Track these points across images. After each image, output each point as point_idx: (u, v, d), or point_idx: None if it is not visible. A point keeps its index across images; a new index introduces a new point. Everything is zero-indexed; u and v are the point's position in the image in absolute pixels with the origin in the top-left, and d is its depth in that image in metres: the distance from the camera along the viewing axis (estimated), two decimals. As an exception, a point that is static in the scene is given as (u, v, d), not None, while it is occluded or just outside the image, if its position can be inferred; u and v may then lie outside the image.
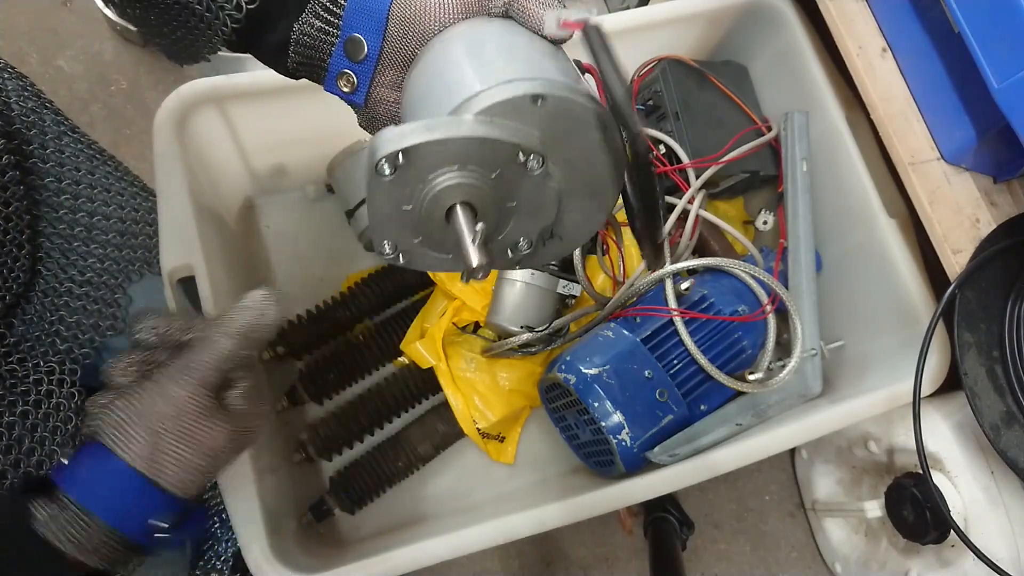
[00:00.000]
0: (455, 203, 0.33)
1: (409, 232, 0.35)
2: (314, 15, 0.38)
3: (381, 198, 0.33)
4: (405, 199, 0.33)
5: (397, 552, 0.62)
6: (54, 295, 0.61)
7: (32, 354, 0.59)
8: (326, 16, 0.38)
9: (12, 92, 0.60)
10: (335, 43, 0.38)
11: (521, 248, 0.38)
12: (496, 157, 0.33)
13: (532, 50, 0.37)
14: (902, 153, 0.71)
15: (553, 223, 0.38)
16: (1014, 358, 0.64)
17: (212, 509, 0.75)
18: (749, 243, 0.80)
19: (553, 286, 0.77)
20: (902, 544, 0.83)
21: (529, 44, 0.38)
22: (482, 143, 0.32)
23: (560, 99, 0.33)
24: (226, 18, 0.39)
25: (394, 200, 0.33)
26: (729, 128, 0.82)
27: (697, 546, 1.00)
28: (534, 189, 0.35)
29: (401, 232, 0.35)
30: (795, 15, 0.81)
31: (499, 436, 0.84)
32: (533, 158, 0.33)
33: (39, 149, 0.61)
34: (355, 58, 0.38)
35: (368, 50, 0.38)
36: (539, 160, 0.33)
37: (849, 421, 0.70)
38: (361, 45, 0.38)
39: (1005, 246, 0.68)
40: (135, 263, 0.67)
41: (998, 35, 0.60)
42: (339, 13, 0.38)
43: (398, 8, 0.38)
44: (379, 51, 0.38)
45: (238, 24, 0.39)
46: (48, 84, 1.10)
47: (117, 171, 0.68)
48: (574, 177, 0.36)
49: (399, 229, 0.35)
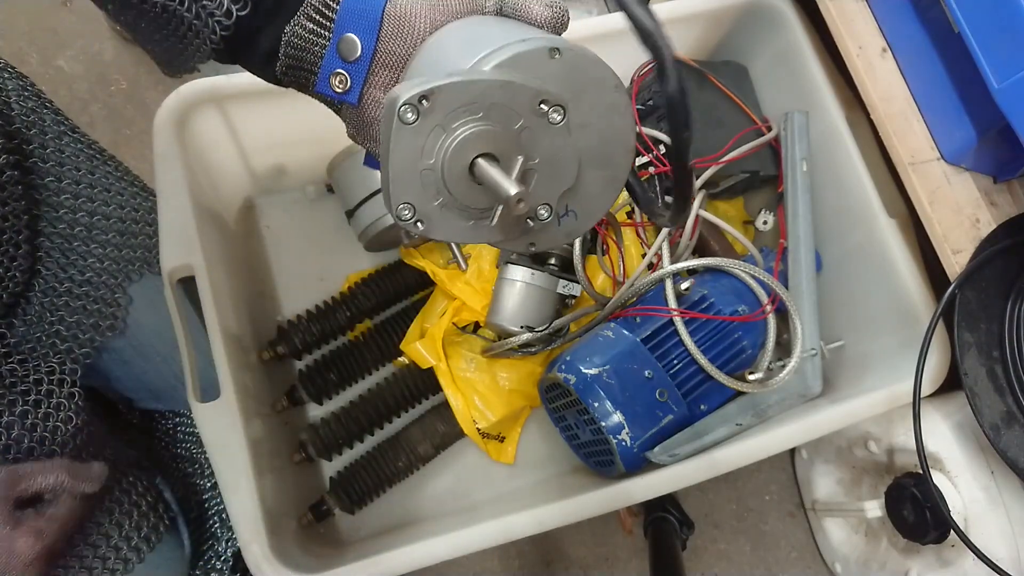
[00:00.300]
0: (479, 154, 0.33)
1: (431, 192, 0.34)
2: (307, 17, 0.38)
3: (402, 149, 0.32)
4: (427, 153, 0.33)
5: (397, 552, 0.62)
6: (54, 295, 0.61)
7: (33, 354, 0.59)
8: (319, 18, 0.38)
9: (12, 92, 0.60)
10: (328, 44, 0.38)
11: (541, 217, 0.37)
12: (518, 104, 0.32)
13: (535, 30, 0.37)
14: (902, 153, 0.71)
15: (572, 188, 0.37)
16: (1014, 358, 0.64)
17: (212, 509, 0.75)
18: (749, 243, 0.80)
19: (553, 286, 0.77)
20: (902, 544, 0.83)
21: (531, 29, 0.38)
22: (503, 87, 0.32)
23: (576, 54, 0.33)
24: (215, 25, 0.38)
25: (415, 152, 0.33)
26: (729, 128, 0.82)
27: (697, 546, 1.00)
28: (555, 145, 0.35)
29: (422, 192, 0.34)
30: (795, 15, 0.81)
31: (499, 436, 0.84)
32: (554, 108, 0.33)
33: (39, 149, 0.61)
34: (349, 58, 0.38)
35: (362, 50, 0.38)
36: (560, 111, 0.33)
37: (849, 421, 0.70)
38: (355, 45, 0.38)
39: (1005, 246, 0.68)
40: (135, 263, 0.67)
41: (998, 35, 0.60)
42: (332, 15, 0.38)
43: (392, 8, 0.37)
44: (373, 51, 0.38)
45: (227, 31, 0.38)
46: (48, 84, 1.10)
47: (117, 171, 0.68)
48: (589, 140, 0.36)
49: (419, 189, 0.34)
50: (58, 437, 0.55)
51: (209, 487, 0.76)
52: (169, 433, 0.79)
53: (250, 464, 0.63)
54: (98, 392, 0.68)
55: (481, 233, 0.37)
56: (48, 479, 0.50)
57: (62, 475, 0.51)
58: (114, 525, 0.59)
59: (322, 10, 0.38)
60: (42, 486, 0.50)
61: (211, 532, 0.74)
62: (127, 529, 0.60)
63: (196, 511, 0.74)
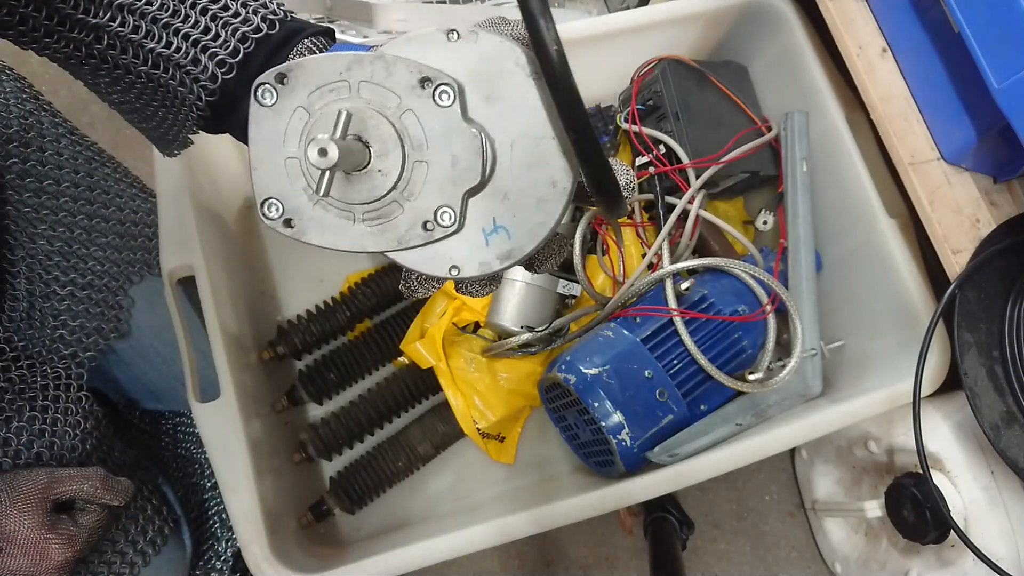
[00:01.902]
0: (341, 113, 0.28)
1: (298, 185, 0.30)
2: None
3: (262, 135, 0.29)
4: (290, 138, 0.29)
5: (397, 552, 0.62)
6: (56, 299, 0.61)
7: (39, 360, 0.59)
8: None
9: (11, 94, 0.60)
10: None
11: (443, 222, 0.31)
12: (394, 83, 0.29)
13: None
14: (902, 153, 0.71)
15: (492, 195, 0.32)
16: (1014, 358, 0.64)
17: (212, 509, 0.75)
18: (749, 243, 0.80)
19: (553, 286, 0.78)
20: (902, 544, 0.83)
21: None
22: (373, 62, 0.28)
23: (479, 36, 0.30)
24: (199, 91, 0.37)
25: (276, 137, 0.29)
26: (729, 128, 0.82)
27: (697, 546, 1.00)
28: (449, 135, 0.30)
29: (288, 186, 0.30)
30: (795, 15, 0.81)
31: (499, 436, 0.84)
32: (441, 88, 0.29)
33: (38, 152, 0.61)
34: None
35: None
36: (449, 92, 0.29)
37: (849, 421, 0.70)
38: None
39: (1005, 246, 0.68)
40: (135, 265, 0.67)
41: (998, 35, 0.60)
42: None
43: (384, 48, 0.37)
44: None
45: (213, 96, 0.37)
46: (48, 84, 1.10)
47: (117, 172, 0.68)
48: (506, 133, 0.31)
49: (285, 181, 0.30)
50: (66, 441, 0.55)
51: (209, 487, 0.76)
52: (169, 433, 0.79)
53: (250, 464, 0.63)
54: (100, 393, 0.68)
55: (366, 239, 0.31)
56: (83, 486, 0.50)
57: (96, 483, 0.51)
58: (119, 530, 0.59)
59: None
60: (76, 493, 0.50)
61: (211, 532, 0.74)
62: (133, 533, 0.60)
63: (196, 511, 0.74)
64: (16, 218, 0.60)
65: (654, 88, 0.82)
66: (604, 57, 0.83)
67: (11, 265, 0.58)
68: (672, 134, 0.79)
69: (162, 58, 0.36)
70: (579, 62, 0.32)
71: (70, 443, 0.55)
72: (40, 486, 0.48)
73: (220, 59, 0.36)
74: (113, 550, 0.58)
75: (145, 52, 0.36)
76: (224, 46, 0.36)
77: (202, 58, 0.36)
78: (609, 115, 0.86)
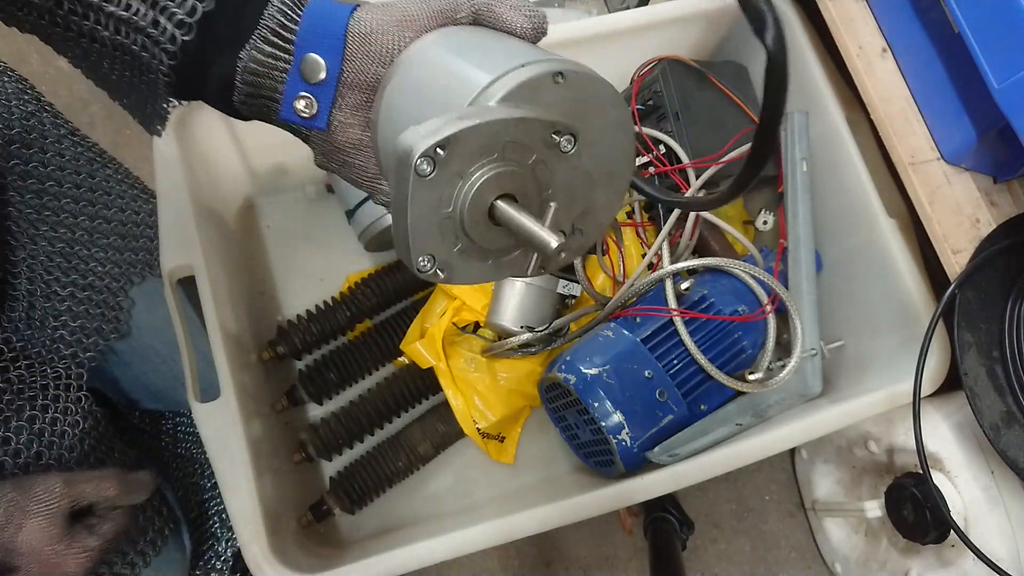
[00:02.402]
0: (498, 196, 0.32)
1: (449, 240, 0.33)
2: (264, 40, 0.35)
3: (420, 202, 0.30)
4: (445, 201, 0.31)
5: (397, 552, 0.62)
6: (57, 300, 0.61)
7: (39, 360, 0.59)
8: (278, 40, 0.35)
9: (13, 96, 0.60)
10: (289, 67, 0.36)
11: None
12: (532, 139, 0.31)
13: (519, 43, 0.36)
14: (902, 153, 0.71)
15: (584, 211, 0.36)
16: (1014, 358, 0.64)
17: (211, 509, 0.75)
18: (749, 243, 0.80)
19: (553, 286, 0.78)
20: (902, 544, 0.83)
21: (512, 40, 0.36)
22: (518, 124, 0.30)
23: (579, 75, 0.32)
24: (161, 54, 0.36)
25: (433, 203, 0.31)
26: (729, 128, 0.82)
27: (697, 546, 1.00)
28: (569, 173, 0.34)
29: (440, 242, 0.33)
30: (795, 15, 0.81)
31: (499, 436, 0.84)
32: (566, 137, 0.32)
33: (39, 153, 0.61)
34: (312, 79, 0.36)
35: (327, 71, 0.36)
36: (572, 139, 0.32)
37: (849, 421, 0.70)
38: (319, 66, 0.35)
39: (1005, 246, 0.68)
40: (136, 266, 0.67)
41: (998, 35, 0.60)
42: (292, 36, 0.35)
43: (356, 24, 0.35)
44: (339, 71, 0.36)
45: (174, 60, 0.36)
46: (48, 84, 1.10)
47: (118, 173, 0.68)
48: (595, 160, 0.35)
49: (438, 238, 0.32)
50: (66, 441, 0.55)
51: (209, 487, 0.76)
52: (169, 433, 0.79)
53: (250, 464, 0.63)
54: (100, 393, 0.68)
55: (502, 271, 0.36)
56: (101, 490, 0.49)
57: (114, 485, 0.50)
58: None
59: (280, 32, 0.35)
60: (95, 498, 0.49)
61: (211, 532, 0.74)
62: (132, 534, 0.60)
63: (196, 511, 0.74)
64: (17, 219, 0.60)
65: (654, 88, 0.82)
66: (604, 57, 0.83)
67: (12, 266, 0.58)
68: (672, 134, 0.79)
69: (123, 22, 0.35)
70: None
71: (69, 443, 0.55)
72: (56, 495, 0.47)
73: (179, 19, 0.35)
74: (113, 550, 0.58)
75: (106, 16, 0.35)
76: (181, 5, 0.35)
77: (160, 19, 0.35)
78: (609, 115, 0.86)
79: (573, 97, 0.33)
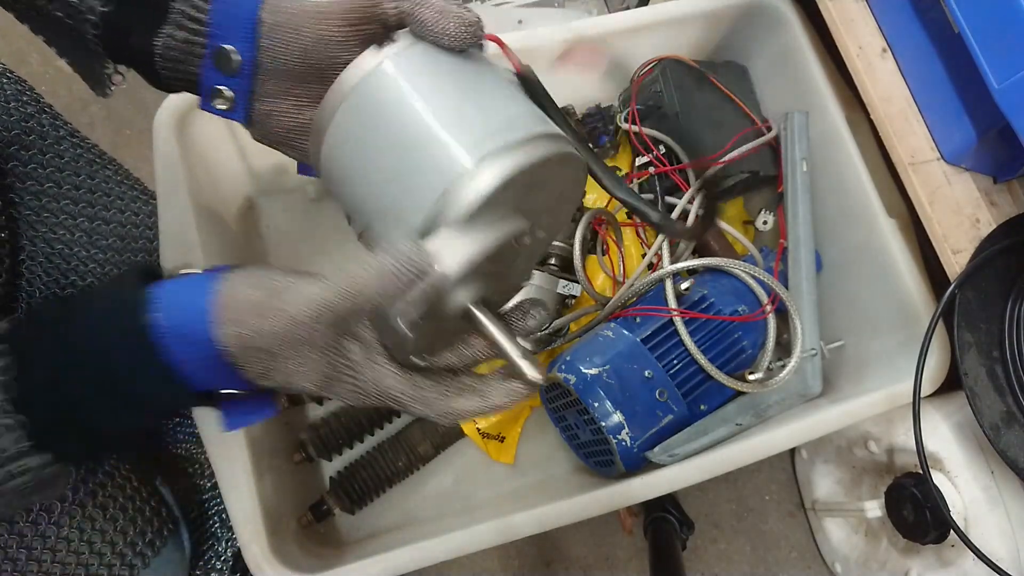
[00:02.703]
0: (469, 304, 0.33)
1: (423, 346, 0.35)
2: (176, 25, 0.34)
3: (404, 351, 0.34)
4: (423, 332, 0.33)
5: (397, 552, 0.62)
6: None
7: None
8: (190, 25, 0.34)
9: (12, 97, 0.60)
10: (203, 55, 0.35)
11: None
12: (501, 254, 0.32)
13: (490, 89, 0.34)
14: (902, 153, 0.71)
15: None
16: (1014, 358, 0.64)
17: (212, 509, 0.75)
18: (749, 243, 0.80)
19: (553, 286, 0.77)
20: (902, 544, 0.83)
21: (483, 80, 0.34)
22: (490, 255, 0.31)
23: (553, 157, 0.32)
24: (86, 25, 0.36)
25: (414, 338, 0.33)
26: (729, 128, 0.82)
27: (697, 546, 1.00)
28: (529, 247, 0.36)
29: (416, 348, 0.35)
30: (795, 15, 0.81)
31: (499, 436, 0.84)
32: (527, 235, 0.34)
33: (39, 154, 0.61)
34: (228, 71, 0.35)
35: (243, 62, 0.34)
36: (531, 234, 0.34)
37: (849, 421, 0.70)
38: (233, 56, 0.34)
39: (1005, 246, 0.68)
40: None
41: (998, 35, 0.60)
42: (204, 21, 0.34)
43: (268, 14, 0.34)
44: (253, 61, 0.35)
45: (97, 29, 0.36)
46: (48, 85, 1.10)
47: (117, 175, 0.68)
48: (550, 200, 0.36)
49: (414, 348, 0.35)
50: None
51: (209, 487, 0.76)
52: (169, 433, 0.79)
53: (250, 464, 0.63)
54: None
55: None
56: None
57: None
58: (119, 532, 0.59)
59: (190, 14, 0.34)
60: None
61: (211, 532, 0.74)
62: (132, 535, 0.60)
63: (196, 511, 0.74)
64: (17, 220, 0.60)
65: (654, 88, 0.82)
66: (604, 57, 0.83)
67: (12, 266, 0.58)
68: (672, 134, 0.79)
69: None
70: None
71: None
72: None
73: None
74: (112, 552, 0.58)
75: None
76: None
77: None
78: (609, 115, 0.86)
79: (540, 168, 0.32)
